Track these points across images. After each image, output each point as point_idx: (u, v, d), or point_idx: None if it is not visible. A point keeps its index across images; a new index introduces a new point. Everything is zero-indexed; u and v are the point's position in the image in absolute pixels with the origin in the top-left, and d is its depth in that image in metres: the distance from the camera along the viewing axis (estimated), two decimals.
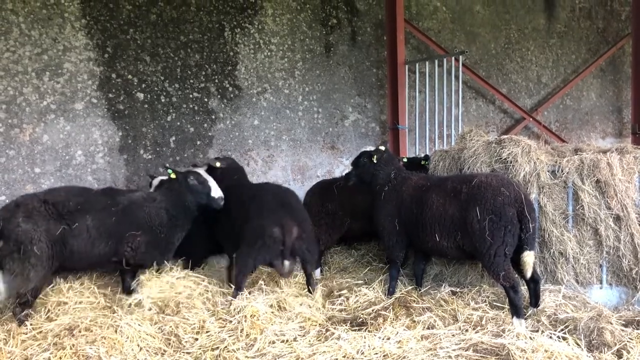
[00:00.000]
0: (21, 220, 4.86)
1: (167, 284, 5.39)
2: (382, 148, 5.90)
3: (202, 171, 5.61)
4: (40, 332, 4.68)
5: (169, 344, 4.52)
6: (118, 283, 5.68)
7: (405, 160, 7.34)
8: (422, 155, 8.07)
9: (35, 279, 4.90)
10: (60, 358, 4.12)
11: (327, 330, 4.72)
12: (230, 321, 4.81)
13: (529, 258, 4.83)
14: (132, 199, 5.42)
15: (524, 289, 5.21)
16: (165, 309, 5.03)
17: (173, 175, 5.52)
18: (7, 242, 4.85)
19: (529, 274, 4.91)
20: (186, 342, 4.53)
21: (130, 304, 5.16)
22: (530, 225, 4.81)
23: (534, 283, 5.13)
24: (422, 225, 5.32)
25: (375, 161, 5.75)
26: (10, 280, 5.04)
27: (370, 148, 5.94)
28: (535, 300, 5.13)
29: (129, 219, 5.26)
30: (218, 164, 6.23)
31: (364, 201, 6.08)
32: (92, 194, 5.43)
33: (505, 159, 5.64)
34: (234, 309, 4.92)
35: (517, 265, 4.93)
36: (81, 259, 5.12)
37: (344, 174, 6.02)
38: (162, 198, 5.49)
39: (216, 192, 5.51)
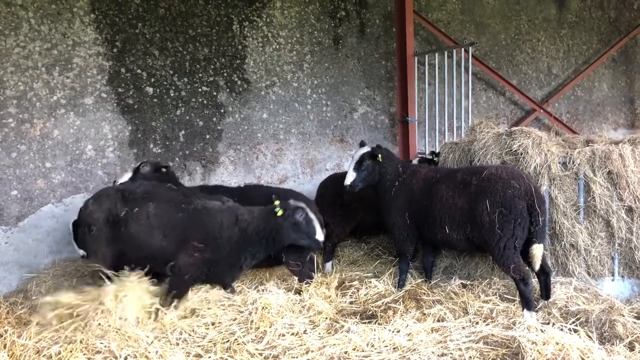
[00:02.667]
0: (90, 202, 5.27)
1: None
2: (365, 149, 5.74)
3: (308, 209, 5.13)
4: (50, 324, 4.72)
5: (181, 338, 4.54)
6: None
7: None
8: (429, 152, 8.05)
9: (103, 259, 5.13)
10: (71, 351, 4.15)
11: (337, 322, 4.74)
12: (241, 311, 4.85)
13: (537, 251, 4.80)
14: (207, 204, 5.21)
15: (534, 281, 5.19)
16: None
17: (280, 211, 5.03)
18: (80, 222, 5.35)
19: (537, 267, 4.88)
20: (198, 336, 4.56)
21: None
22: (540, 219, 4.78)
23: (544, 275, 5.10)
24: (432, 218, 5.31)
25: (380, 160, 5.67)
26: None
27: (366, 149, 5.72)
28: (546, 292, 5.10)
29: (196, 223, 5.06)
30: (164, 169, 6.19)
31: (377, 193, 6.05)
32: (166, 188, 5.54)
33: (515, 150, 5.60)
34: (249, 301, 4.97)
35: (527, 257, 4.90)
36: (139, 247, 5.09)
37: (346, 181, 5.68)
38: (248, 218, 5.09)
39: (320, 234, 5.11)
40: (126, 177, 6.06)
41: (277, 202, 5.12)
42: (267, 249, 5.12)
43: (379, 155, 5.65)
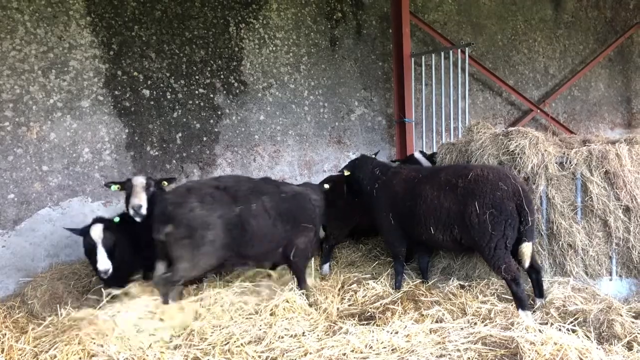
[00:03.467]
0: (195, 204, 4.66)
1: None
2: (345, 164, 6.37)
3: None
4: (48, 326, 4.70)
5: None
6: None
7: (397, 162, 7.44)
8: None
9: (203, 267, 4.77)
10: (67, 355, 4.13)
11: (335, 324, 4.73)
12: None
13: (527, 249, 4.83)
14: (295, 189, 5.55)
15: (528, 281, 5.20)
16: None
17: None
18: (178, 227, 4.63)
19: (526, 264, 4.91)
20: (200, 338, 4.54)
21: None
22: (529, 218, 4.79)
23: (535, 273, 5.12)
24: (416, 219, 5.32)
25: (347, 173, 6.14)
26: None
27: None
28: (539, 290, 5.11)
29: (300, 208, 5.36)
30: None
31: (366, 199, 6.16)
32: (257, 181, 5.59)
33: (512, 151, 5.60)
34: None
35: (516, 256, 4.92)
36: (260, 243, 5.03)
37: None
38: (317, 198, 5.61)
39: None
40: (144, 199, 5.21)
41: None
42: None
43: (344, 171, 6.19)
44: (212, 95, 7.84)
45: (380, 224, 5.82)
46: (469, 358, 3.87)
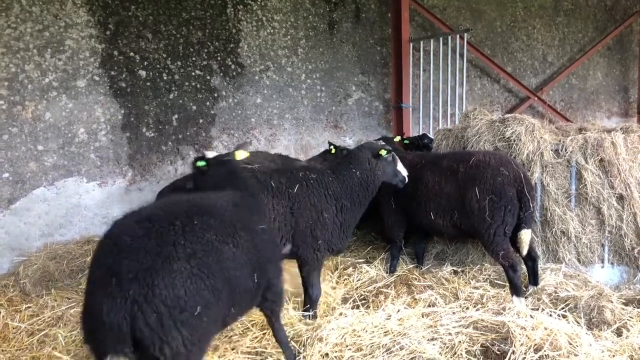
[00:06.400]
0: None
1: None
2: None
3: None
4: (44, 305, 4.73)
5: None
6: None
7: (406, 141, 7.37)
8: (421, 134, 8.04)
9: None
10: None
11: (329, 308, 4.76)
12: None
13: (525, 236, 4.85)
14: None
15: (523, 267, 5.24)
16: None
17: None
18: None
19: (524, 252, 4.93)
20: None
21: None
22: (530, 204, 4.81)
23: (531, 261, 5.15)
24: (416, 204, 5.33)
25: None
26: None
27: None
28: (534, 278, 5.15)
29: None
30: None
31: None
32: None
33: (508, 137, 5.61)
34: None
35: (514, 243, 4.94)
36: None
37: None
38: None
39: None
40: None
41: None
42: None
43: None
44: (208, 77, 7.79)
45: (381, 208, 5.79)
46: (460, 342, 3.91)
